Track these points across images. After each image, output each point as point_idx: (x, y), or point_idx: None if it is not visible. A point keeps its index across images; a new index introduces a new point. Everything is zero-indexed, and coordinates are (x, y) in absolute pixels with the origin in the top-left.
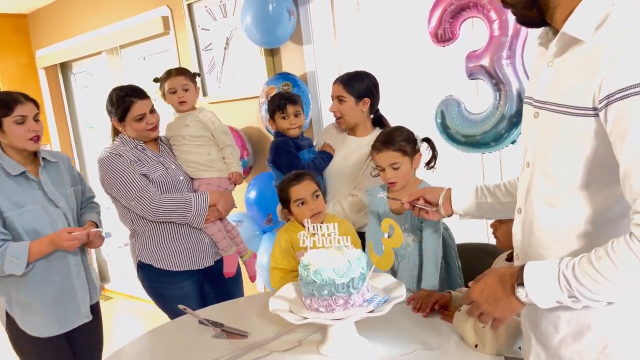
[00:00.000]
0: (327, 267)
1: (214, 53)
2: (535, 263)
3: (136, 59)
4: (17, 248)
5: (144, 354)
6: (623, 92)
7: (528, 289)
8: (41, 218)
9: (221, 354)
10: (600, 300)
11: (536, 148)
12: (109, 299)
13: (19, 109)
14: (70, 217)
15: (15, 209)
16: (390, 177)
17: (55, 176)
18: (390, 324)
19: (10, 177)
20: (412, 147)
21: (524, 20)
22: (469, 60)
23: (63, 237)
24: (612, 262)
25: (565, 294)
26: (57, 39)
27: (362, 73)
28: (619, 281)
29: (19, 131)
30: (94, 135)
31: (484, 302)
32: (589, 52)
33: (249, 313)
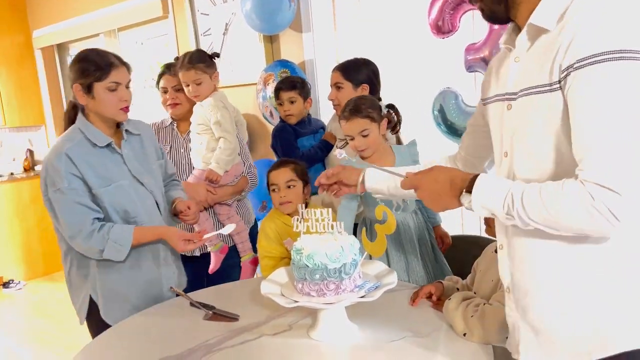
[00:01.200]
0: (320, 251)
1: (212, 38)
2: (489, 178)
3: (134, 42)
4: (121, 234)
5: (135, 334)
6: (580, 62)
7: (473, 197)
8: (130, 196)
9: (211, 336)
10: (531, 225)
11: (513, 136)
12: None
13: (113, 74)
14: (159, 195)
15: (104, 185)
16: (360, 144)
17: (139, 150)
18: (381, 311)
19: (96, 149)
20: (378, 113)
21: (491, 16)
22: (468, 53)
23: (181, 247)
24: (557, 199)
25: (505, 210)
26: (54, 19)
27: (361, 60)
28: (556, 216)
29: (111, 99)
30: None
31: (427, 193)
32: (552, 37)
33: (240, 297)
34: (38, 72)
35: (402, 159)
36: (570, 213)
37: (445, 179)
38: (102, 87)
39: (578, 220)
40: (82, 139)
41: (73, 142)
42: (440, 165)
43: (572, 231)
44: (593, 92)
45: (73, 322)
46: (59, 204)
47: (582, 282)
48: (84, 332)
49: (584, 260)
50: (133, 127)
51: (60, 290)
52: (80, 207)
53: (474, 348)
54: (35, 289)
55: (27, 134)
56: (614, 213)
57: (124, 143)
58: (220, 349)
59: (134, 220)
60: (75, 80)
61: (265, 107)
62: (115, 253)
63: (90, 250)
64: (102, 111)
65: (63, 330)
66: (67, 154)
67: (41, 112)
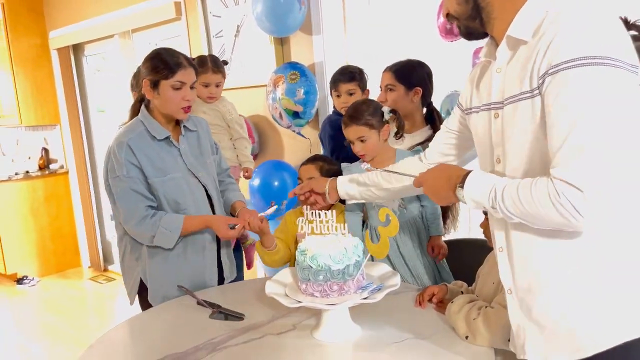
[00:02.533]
0: (324, 253)
1: (224, 40)
2: (479, 174)
3: (147, 43)
4: (172, 222)
5: (141, 331)
6: (554, 67)
7: (465, 192)
8: (182, 188)
9: (217, 334)
10: (513, 218)
11: (504, 142)
12: (111, 280)
13: (180, 74)
14: (212, 189)
15: (160, 176)
16: (359, 150)
17: (196, 146)
18: (384, 312)
19: (155, 141)
20: (379, 120)
21: (468, 32)
22: (476, 56)
23: (224, 231)
24: (530, 193)
25: (490, 203)
26: (70, 20)
27: (415, 62)
28: (529, 209)
29: (175, 97)
30: (105, 119)
31: (430, 188)
32: (531, 47)
33: (246, 296)
34: (54, 72)
35: None
36: (540, 207)
37: (443, 176)
38: (168, 85)
39: (547, 214)
40: (143, 130)
41: (134, 133)
42: (443, 164)
43: (545, 224)
44: (564, 95)
45: (85, 318)
46: (117, 189)
47: (582, 276)
48: (94, 328)
49: (582, 256)
50: (191, 123)
51: (72, 287)
52: (136, 195)
53: (475, 350)
54: (48, 285)
55: (43, 133)
56: (578, 209)
57: (182, 138)
58: (225, 347)
59: (184, 211)
60: (145, 75)
61: (275, 109)
62: (165, 239)
63: (142, 235)
64: (165, 108)
65: (74, 327)
66: (128, 144)
67: (56, 112)
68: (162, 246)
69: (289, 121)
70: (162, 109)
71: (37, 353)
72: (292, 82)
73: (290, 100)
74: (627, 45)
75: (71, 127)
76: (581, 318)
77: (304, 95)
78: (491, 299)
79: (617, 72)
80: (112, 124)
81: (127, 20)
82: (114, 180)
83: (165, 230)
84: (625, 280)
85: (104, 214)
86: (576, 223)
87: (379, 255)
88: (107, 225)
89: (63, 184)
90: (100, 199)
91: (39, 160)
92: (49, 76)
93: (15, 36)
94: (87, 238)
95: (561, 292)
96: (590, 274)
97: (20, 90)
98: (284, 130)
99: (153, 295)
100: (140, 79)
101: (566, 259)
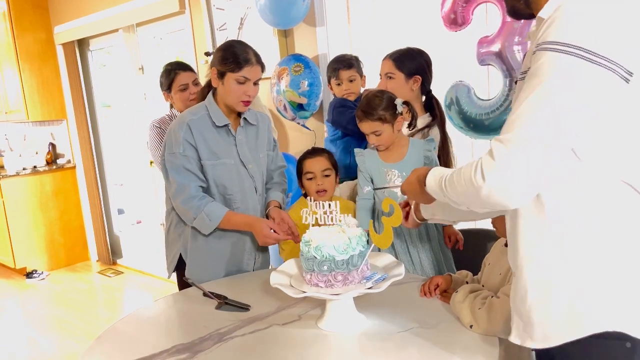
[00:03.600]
0: (328, 243)
1: (228, 33)
2: (436, 169)
3: (152, 37)
4: (215, 211)
5: (149, 322)
6: (538, 46)
7: (427, 188)
8: (232, 174)
9: (223, 325)
10: (457, 202)
11: None
12: (120, 274)
13: (246, 70)
14: (259, 182)
15: (212, 159)
16: (374, 141)
17: (252, 139)
18: (388, 302)
19: (215, 127)
20: (392, 113)
21: (513, 12)
22: (480, 46)
23: (264, 234)
24: (460, 176)
25: (441, 192)
26: (75, 15)
27: (415, 50)
28: (461, 191)
29: (237, 90)
30: (111, 113)
31: (410, 194)
32: None
33: (252, 288)
34: (59, 67)
35: (414, 152)
36: (465, 169)
37: (414, 179)
38: (233, 78)
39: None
40: (205, 115)
41: (196, 116)
42: (415, 169)
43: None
44: (531, 71)
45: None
46: (172, 165)
47: (557, 265)
48: (103, 320)
49: (558, 243)
50: (253, 117)
51: (81, 281)
52: (188, 173)
53: (480, 339)
54: (58, 279)
55: (50, 128)
56: (484, 172)
57: (240, 129)
58: (231, 337)
59: (230, 197)
60: (214, 64)
61: (280, 101)
62: (203, 225)
63: (186, 214)
64: (226, 98)
65: (84, 320)
66: (188, 124)
67: (63, 107)
68: (200, 230)
69: (293, 113)
70: (224, 99)
71: (47, 346)
72: (296, 74)
73: (295, 93)
74: (625, 42)
75: (77, 122)
76: (550, 307)
77: (308, 87)
78: (497, 289)
79: (589, 67)
80: (119, 118)
81: (131, 14)
82: (170, 156)
83: (206, 217)
84: (596, 274)
85: (111, 208)
86: (480, 189)
87: (383, 245)
88: (114, 219)
89: (70, 178)
90: (107, 193)
91: (47, 155)
92: (55, 71)
93: (20, 32)
94: (94, 232)
95: (536, 278)
96: (561, 264)
97: (27, 85)
98: (289, 122)
99: (190, 272)
100: (210, 66)
101: (539, 247)
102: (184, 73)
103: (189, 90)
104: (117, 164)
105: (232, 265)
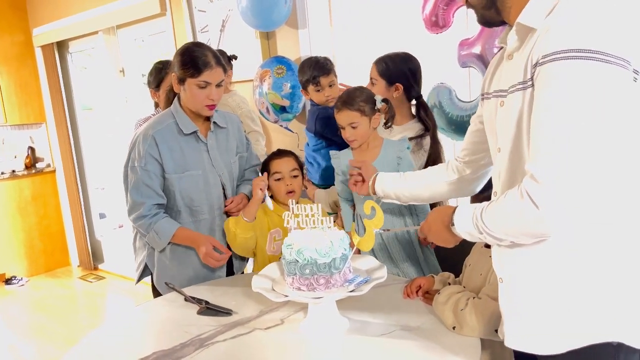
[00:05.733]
0: (310, 246)
1: (209, 35)
2: (463, 207)
3: (133, 39)
4: (164, 230)
5: (130, 327)
6: (544, 58)
7: (457, 229)
8: (199, 185)
9: (205, 330)
10: (501, 238)
11: (506, 132)
12: (101, 279)
13: (206, 74)
14: (228, 187)
15: (179, 172)
16: (349, 135)
17: (223, 143)
18: (371, 305)
19: (182, 135)
20: (371, 108)
21: (484, 20)
22: (461, 48)
23: (205, 252)
24: (500, 207)
25: (476, 230)
26: (54, 17)
27: (400, 56)
28: (503, 220)
29: (199, 94)
30: (92, 116)
31: (433, 236)
32: (535, 36)
33: (234, 291)
34: (38, 70)
35: (387, 153)
36: (509, 211)
37: (438, 219)
38: (193, 84)
39: (515, 217)
40: (172, 123)
41: (163, 125)
42: (433, 210)
43: (522, 233)
44: (547, 87)
45: (74, 318)
46: (131, 179)
47: (551, 276)
48: (84, 326)
49: (553, 256)
50: (222, 120)
51: (62, 286)
52: (146, 189)
53: (462, 341)
54: (38, 285)
55: (29, 132)
56: (534, 200)
57: (210, 134)
58: (212, 343)
59: (197, 208)
60: (173, 69)
61: (262, 104)
62: (154, 243)
63: (138, 229)
64: (190, 104)
65: (64, 326)
66: (154, 136)
67: (42, 110)
68: (152, 246)
69: (276, 116)
70: (187, 105)
71: (27, 353)
72: (278, 76)
73: (277, 95)
74: (630, 41)
75: (57, 125)
76: (551, 313)
77: (290, 90)
78: (479, 291)
79: (604, 67)
80: (100, 121)
81: (111, 16)
82: (131, 169)
83: (155, 234)
84: (592, 286)
85: (92, 212)
86: (537, 217)
87: (365, 247)
88: (95, 224)
89: (50, 182)
90: (88, 197)
91: (25, 159)
92: (34, 74)
93: None
94: (75, 237)
95: (532, 285)
96: (558, 274)
97: (5, 88)
98: (272, 125)
99: (158, 281)
100: (170, 71)
101: (530, 255)
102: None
103: None
104: (99, 168)
105: (203, 273)
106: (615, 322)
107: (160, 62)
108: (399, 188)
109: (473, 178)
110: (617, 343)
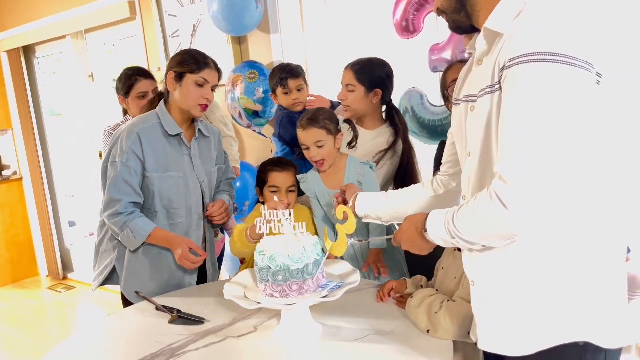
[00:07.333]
0: (282, 253)
1: (180, 40)
2: (435, 213)
3: (102, 44)
4: (140, 229)
5: (101, 338)
6: (511, 61)
7: (430, 235)
8: (179, 188)
9: (176, 340)
10: (473, 242)
11: (475, 136)
12: (72, 289)
13: (206, 72)
14: (207, 195)
15: (160, 172)
16: (315, 155)
17: (205, 151)
18: (345, 310)
19: (166, 137)
20: (335, 127)
21: (455, 26)
22: (432, 53)
23: (181, 254)
24: (470, 210)
25: (449, 235)
26: (20, 21)
27: (376, 61)
28: (473, 223)
29: (195, 92)
30: (61, 122)
31: (407, 244)
32: (502, 40)
33: (207, 299)
34: (4, 75)
35: (350, 175)
36: (479, 213)
37: (411, 227)
38: (192, 80)
39: (485, 218)
40: (157, 124)
41: (148, 124)
42: (406, 218)
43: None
44: (514, 90)
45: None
46: (111, 174)
47: (520, 278)
48: (54, 338)
49: (522, 258)
50: (206, 129)
51: (30, 297)
52: (125, 186)
53: (435, 344)
54: (5, 296)
55: None
56: (502, 200)
57: (194, 141)
58: (184, 352)
59: (174, 211)
60: (171, 68)
61: (235, 109)
62: (128, 242)
63: (112, 227)
64: (183, 102)
65: (33, 337)
66: (139, 133)
67: (8, 116)
68: (126, 246)
69: (248, 121)
70: (180, 103)
71: None
72: (250, 81)
73: (250, 100)
74: (593, 45)
75: (24, 131)
76: (520, 315)
77: (263, 95)
78: (452, 294)
79: (569, 70)
80: (69, 127)
81: (79, 20)
82: (112, 164)
83: (130, 233)
84: (559, 287)
85: (61, 220)
86: (505, 217)
87: (338, 252)
88: (65, 232)
89: (17, 190)
90: (57, 205)
91: None
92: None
93: None
94: (44, 246)
95: (502, 287)
96: (524, 277)
97: None
98: (245, 130)
99: (126, 286)
100: (165, 73)
101: (501, 258)
102: (145, 80)
103: (148, 98)
104: (68, 175)
105: (174, 280)
106: (581, 322)
107: (130, 68)
108: (381, 207)
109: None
110: (584, 343)
